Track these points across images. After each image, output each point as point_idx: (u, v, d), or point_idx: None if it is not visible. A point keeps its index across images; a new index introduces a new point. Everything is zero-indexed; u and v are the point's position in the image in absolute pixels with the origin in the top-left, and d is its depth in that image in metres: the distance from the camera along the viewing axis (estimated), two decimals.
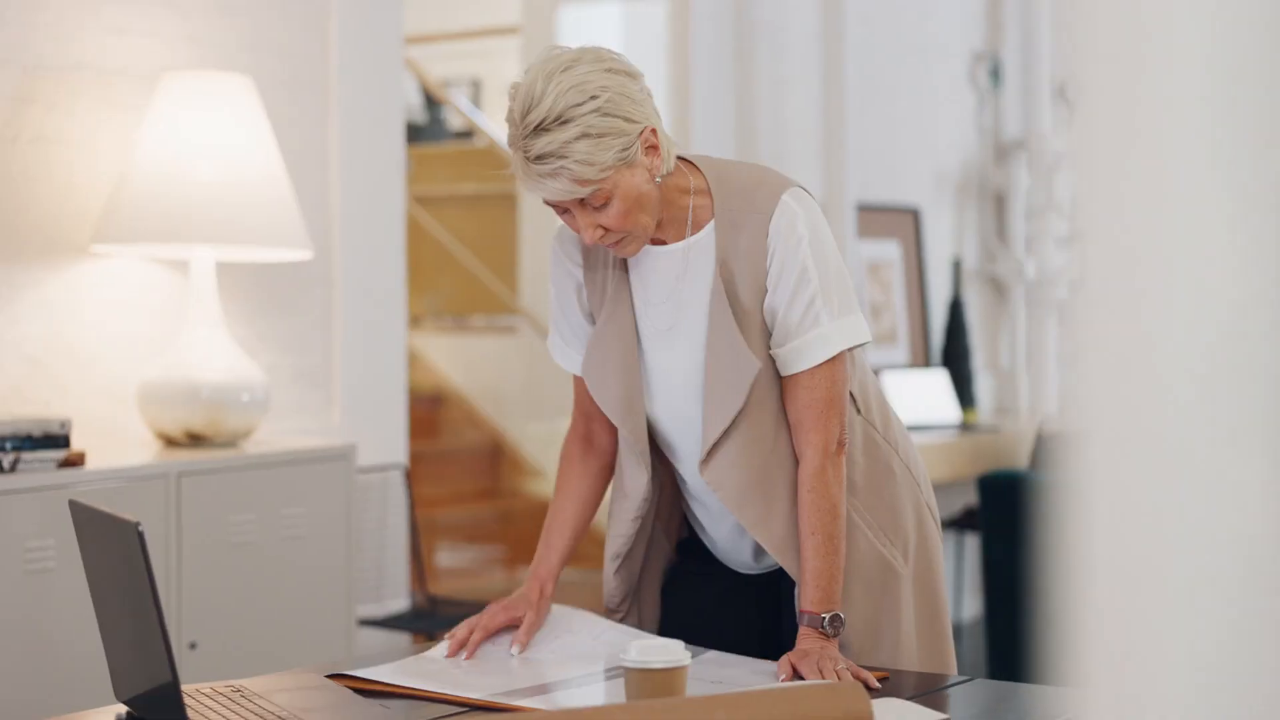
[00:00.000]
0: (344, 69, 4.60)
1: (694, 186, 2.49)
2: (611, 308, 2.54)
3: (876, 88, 6.68)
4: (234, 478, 3.84)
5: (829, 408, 2.47)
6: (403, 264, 4.81)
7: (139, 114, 4.11)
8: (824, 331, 2.45)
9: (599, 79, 2.34)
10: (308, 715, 2.08)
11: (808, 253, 2.44)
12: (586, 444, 2.69)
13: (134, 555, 1.93)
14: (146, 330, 4.18)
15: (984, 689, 2.30)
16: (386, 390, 4.77)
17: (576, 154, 2.30)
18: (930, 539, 2.65)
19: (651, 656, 1.99)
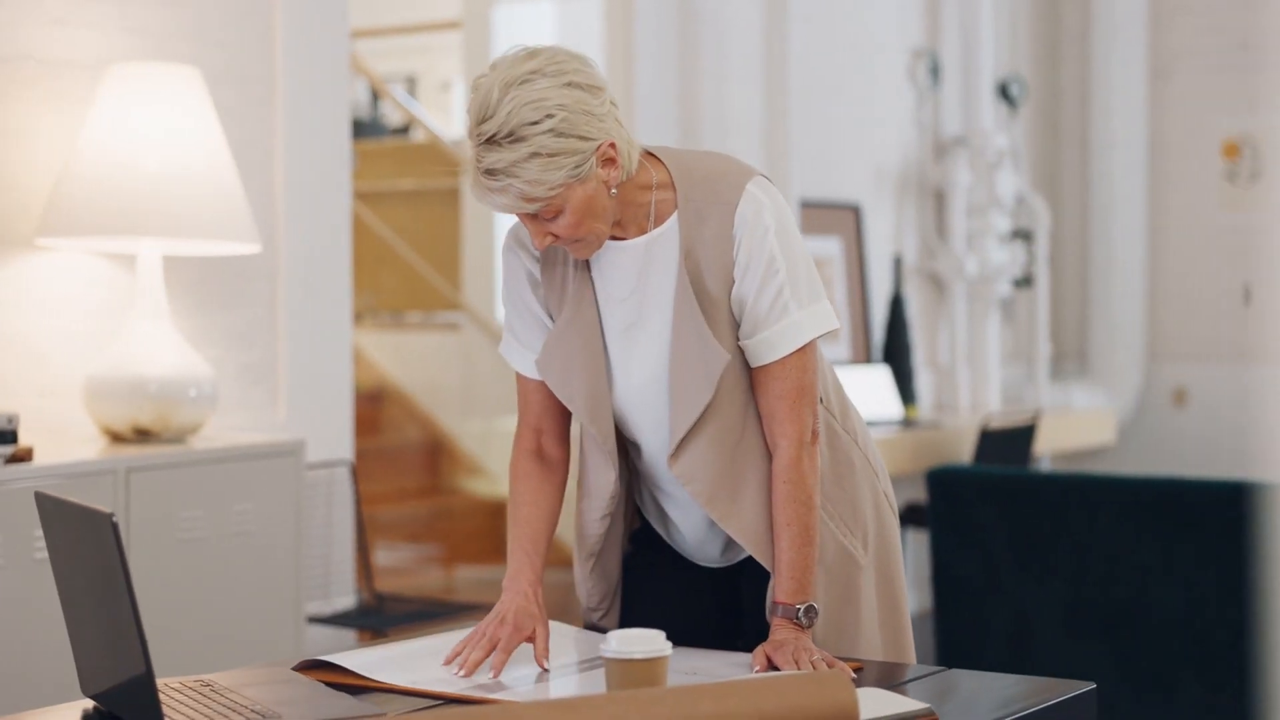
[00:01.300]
0: (289, 62, 4.56)
1: (656, 180, 2.46)
2: (574, 306, 2.51)
3: (817, 84, 6.68)
4: (183, 473, 3.80)
5: (801, 397, 2.46)
6: (348, 259, 4.77)
7: (83, 106, 4.06)
8: (793, 320, 2.43)
9: (557, 96, 2.30)
10: (282, 709, 2.05)
11: (774, 242, 2.42)
12: (537, 458, 2.62)
13: (107, 547, 1.90)
14: (91, 325, 4.12)
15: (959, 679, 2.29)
16: (332, 386, 4.73)
17: (526, 174, 2.28)
18: (889, 530, 2.64)
19: (632, 647, 1.97)
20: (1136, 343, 8.24)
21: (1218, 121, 8.16)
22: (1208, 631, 4.38)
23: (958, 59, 7.51)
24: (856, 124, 7.04)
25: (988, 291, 7.41)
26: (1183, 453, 8.10)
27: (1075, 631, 4.56)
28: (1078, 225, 8.42)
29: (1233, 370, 8.13)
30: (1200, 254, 8.22)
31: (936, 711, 2.03)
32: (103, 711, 2.15)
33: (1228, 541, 4.35)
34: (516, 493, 2.60)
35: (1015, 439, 6.27)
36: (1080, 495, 4.55)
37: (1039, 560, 4.60)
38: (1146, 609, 4.46)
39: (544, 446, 2.63)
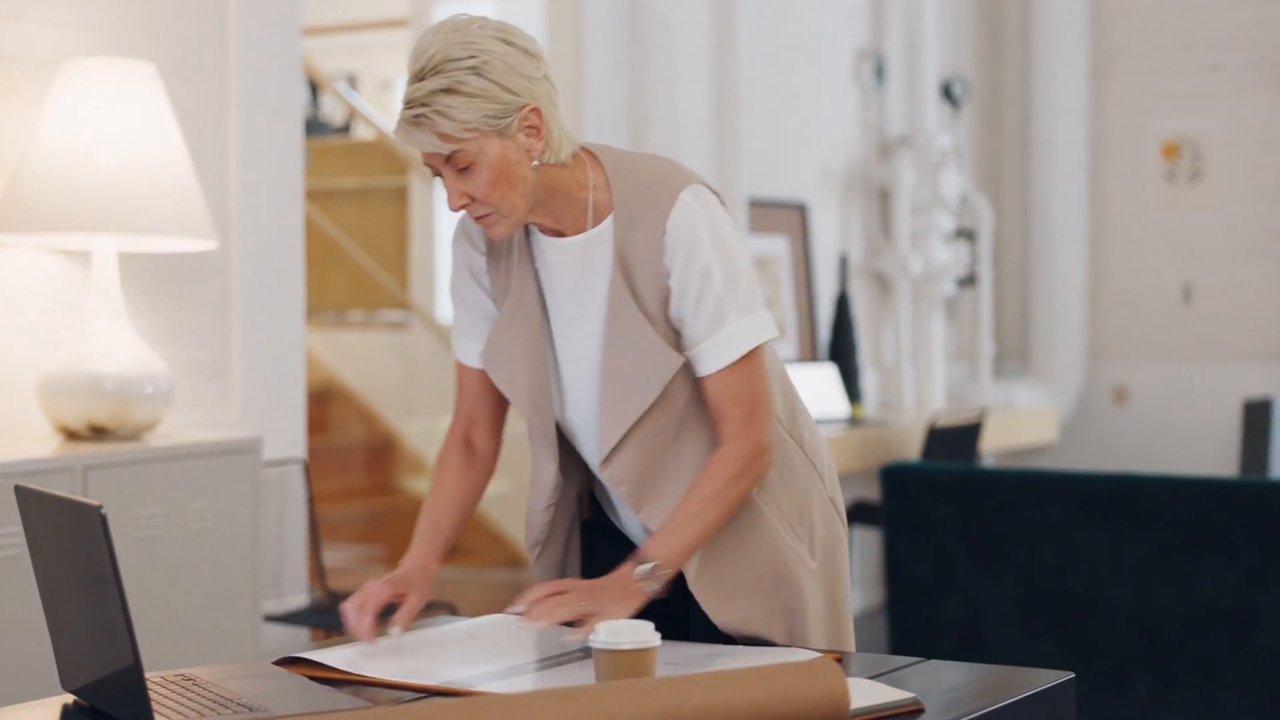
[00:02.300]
0: (242, 58, 4.54)
1: (594, 181, 2.46)
2: (517, 297, 2.51)
3: (764, 84, 6.71)
4: (141, 471, 3.78)
5: (751, 408, 2.46)
6: (301, 257, 4.75)
7: (37, 102, 4.03)
8: (732, 330, 2.43)
9: (487, 43, 2.32)
10: (268, 702, 2.04)
11: (709, 253, 2.42)
12: (466, 448, 2.64)
13: (95, 539, 1.89)
14: (44, 322, 4.09)
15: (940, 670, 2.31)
16: (284, 385, 4.71)
17: (439, 104, 2.29)
18: (835, 534, 2.63)
19: (621, 638, 1.98)
20: (1077, 341, 8.30)
21: (1157, 122, 8.24)
22: (1159, 625, 4.43)
23: (902, 59, 7.55)
24: (803, 123, 7.06)
25: (932, 290, 7.45)
26: (1123, 450, 8.17)
27: (1027, 626, 4.59)
28: (1019, 225, 8.48)
29: (1172, 368, 8.21)
30: (1140, 254, 8.30)
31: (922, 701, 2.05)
32: (84, 706, 2.14)
33: (1178, 536, 4.40)
34: (435, 479, 2.64)
35: (962, 437, 6.31)
36: (1032, 491, 4.59)
37: (991, 555, 4.63)
38: (1098, 603, 4.50)
39: (474, 438, 2.65)
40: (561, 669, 2.29)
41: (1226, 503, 4.35)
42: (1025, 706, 2.12)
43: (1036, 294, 8.33)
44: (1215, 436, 8.01)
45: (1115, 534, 4.47)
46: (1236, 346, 8.06)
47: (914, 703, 2.04)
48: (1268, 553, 4.31)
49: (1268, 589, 4.31)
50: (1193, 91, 8.15)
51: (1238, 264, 8.06)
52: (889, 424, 6.58)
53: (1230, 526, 4.34)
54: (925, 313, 7.48)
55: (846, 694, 1.88)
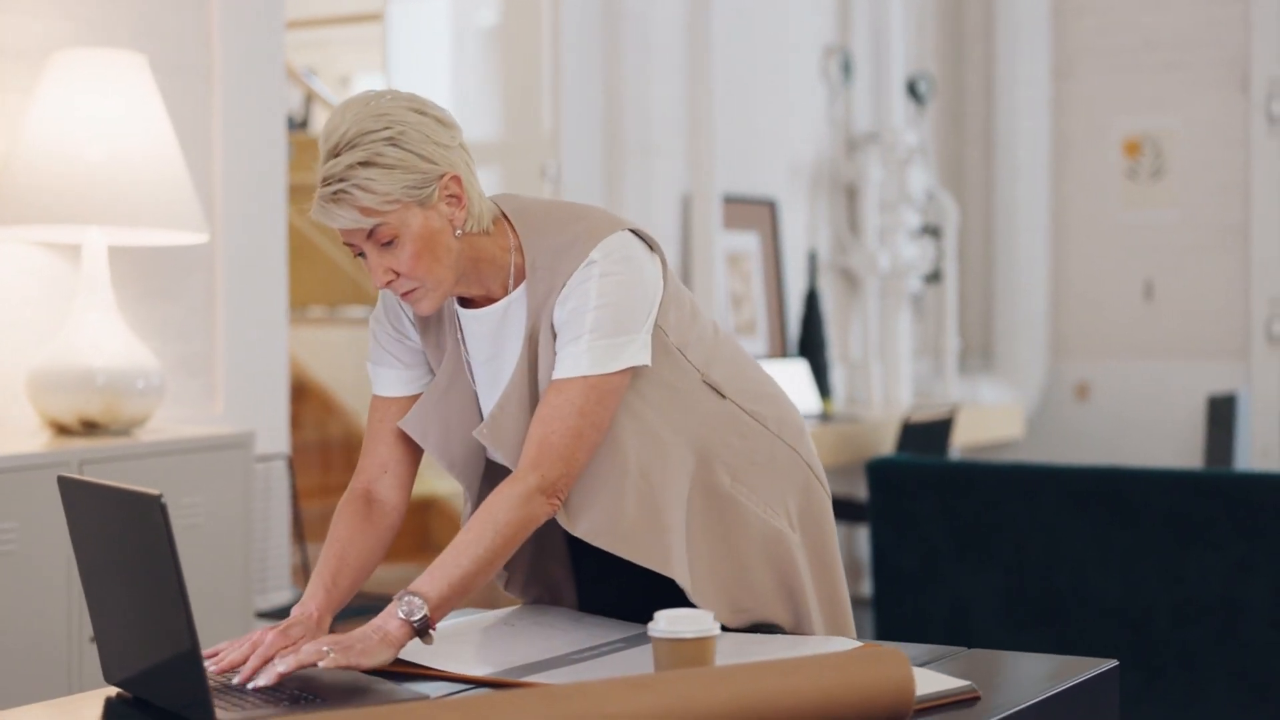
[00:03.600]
0: (227, 51, 4.51)
1: (513, 244, 2.42)
2: (451, 367, 2.47)
3: (734, 80, 6.71)
4: (134, 466, 3.75)
5: (549, 440, 2.33)
6: (284, 251, 4.73)
7: (21, 94, 3.99)
8: (585, 347, 2.34)
9: (401, 114, 2.29)
10: (324, 693, 2.03)
11: (596, 285, 2.35)
12: (367, 504, 2.49)
13: (153, 529, 1.87)
14: (31, 316, 4.06)
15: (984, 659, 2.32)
16: (268, 380, 4.68)
17: (358, 178, 2.25)
18: (818, 504, 2.61)
19: (681, 626, 1.97)
20: (1040, 338, 8.35)
21: (1119, 120, 8.29)
22: (1144, 618, 4.45)
23: (868, 56, 7.57)
24: (771, 120, 7.07)
25: (899, 287, 7.48)
26: (1086, 446, 8.23)
27: (1014, 620, 4.61)
28: (981, 222, 8.52)
29: (1134, 365, 8.26)
30: (1102, 251, 8.35)
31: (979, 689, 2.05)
32: (129, 698, 2.12)
33: (1164, 528, 4.43)
34: (332, 532, 2.46)
35: (934, 432, 6.33)
36: (1019, 484, 4.61)
37: (977, 549, 4.65)
38: (1083, 596, 4.53)
39: (379, 490, 2.51)
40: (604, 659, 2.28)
41: (1212, 495, 4.38)
42: (1077, 694, 2.13)
43: (999, 291, 8.37)
44: (1176, 432, 8.08)
45: (1101, 526, 4.49)
46: (1197, 343, 8.12)
47: (970, 690, 2.04)
48: (1253, 545, 4.34)
49: (1253, 581, 4.34)
50: (1154, 90, 8.21)
51: (1199, 261, 8.12)
52: (860, 419, 6.60)
53: (1216, 519, 4.38)
54: (892, 309, 7.50)
55: (912, 682, 1.88)
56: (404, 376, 2.52)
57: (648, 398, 2.45)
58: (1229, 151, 8.03)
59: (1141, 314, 8.24)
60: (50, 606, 3.53)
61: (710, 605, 2.45)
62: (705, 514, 2.48)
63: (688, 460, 2.47)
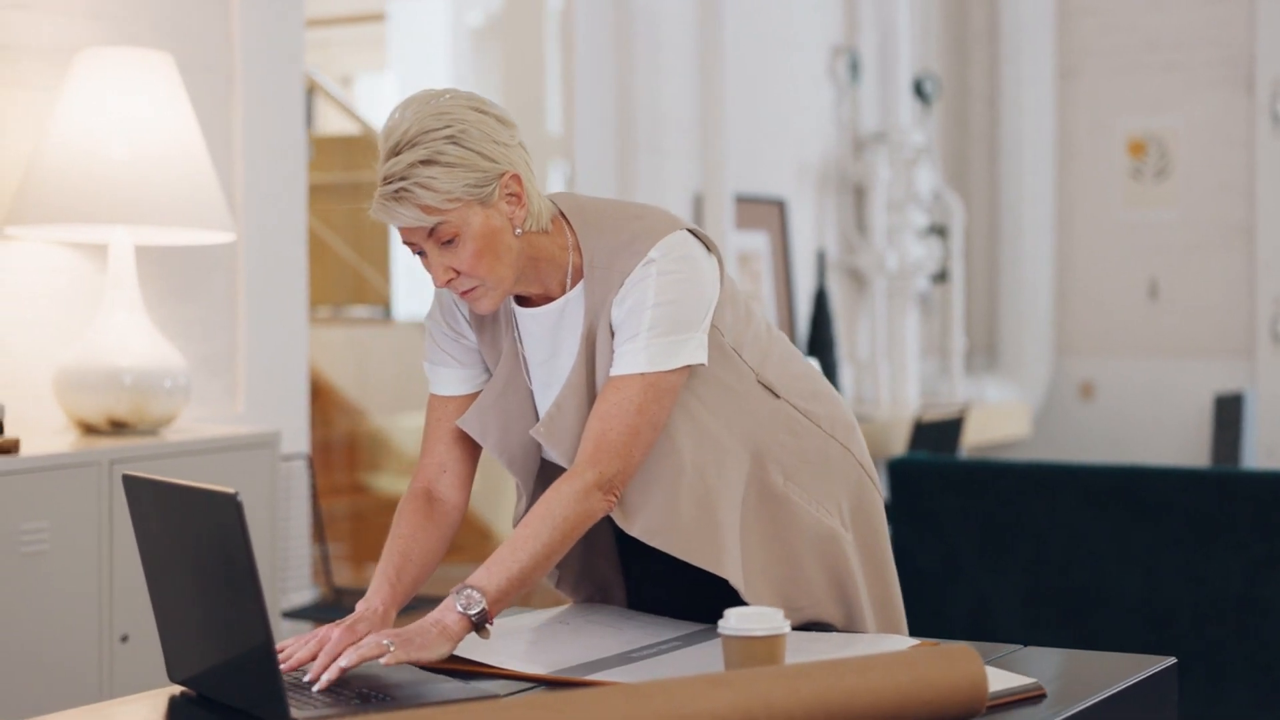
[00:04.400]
0: (247, 51, 4.51)
1: (571, 242, 2.42)
2: (508, 367, 2.48)
3: (744, 81, 6.72)
4: (163, 465, 3.75)
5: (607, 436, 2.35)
6: (304, 250, 4.73)
7: (48, 92, 3.99)
8: (642, 345, 2.35)
9: (460, 113, 2.29)
10: (392, 691, 2.03)
11: (654, 284, 2.36)
12: (428, 501, 2.49)
13: (228, 526, 1.88)
14: (58, 315, 4.05)
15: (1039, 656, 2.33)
16: (288, 379, 4.68)
17: (420, 177, 2.25)
18: (870, 503, 2.63)
19: (751, 624, 1.98)
20: (1045, 337, 8.37)
21: (1123, 120, 8.31)
22: (1166, 617, 4.47)
23: (876, 56, 7.58)
24: (780, 120, 7.08)
25: (906, 286, 7.49)
26: (1091, 444, 8.25)
27: (1034, 618, 4.62)
28: (986, 222, 8.53)
29: (1138, 364, 8.28)
30: (1106, 250, 8.37)
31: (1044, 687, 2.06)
32: (191, 696, 2.12)
33: (1185, 527, 4.44)
34: (394, 529, 2.47)
35: (945, 431, 6.35)
36: (1040, 483, 4.62)
37: (999, 547, 4.66)
38: (1105, 595, 4.54)
39: (439, 488, 2.51)
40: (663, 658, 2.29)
41: (1234, 494, 4.39)
42: (1139, 691, 2.14)
43: (1004, 290, 8.38)
44: (1181, 431, 8.10)
45: (1122, 525, 4.51)
46: (1202, 342, 8.15)
47: (1036, 688, 2.05)
48: (1274, 544, 4.35)
49: (1274, 580, 4.36)
50: (1158, 90, 8.23)
51: (1203, 260, 8.14)
52: (871, 419, 6.61)
53: (1237, 517, 4.39)
54: (900, 309, 7.52)
55: (985, 679, 1.89)
56: (461, 375, 2.52)
57: (704, 398, 2.45)
58: (1233, 151, 8.05)
59: (1146, 313, 8.26)
60: (81, 606, 3.53)
61: (763, 604, 2.45)
62: (759, 513, 2.49)
63: (742, 460, 2.48)
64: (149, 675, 3.65)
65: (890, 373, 7.51)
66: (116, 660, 3.60)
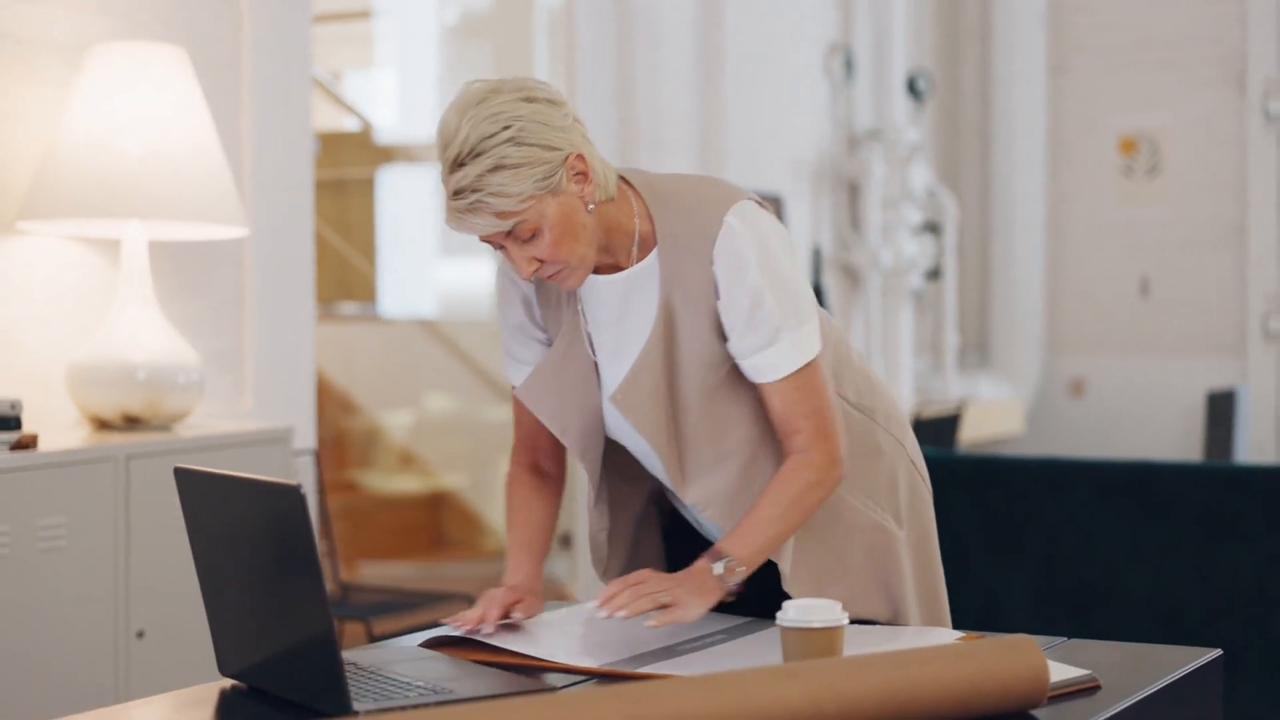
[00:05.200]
0: (256, 46, 4.50)
1: (638, 211, 2.44)
2: (568, 338, 2.50)
3: (742, 78, 6.73)
4: (179, 460, 3.70)
5: (820, 422, 2.44)
6: (311, 247, 4.72)
7: (61, 87, 3.97)
8: (783, 346, 2.40)
9: (514, 109, 2.30)
10: (451, 684, 2.03)
11: (756, 275, 2.38)
12: (535, 473, 2.64)
13: (290, 518, 1.87)
14: (71, 310, 4.04)
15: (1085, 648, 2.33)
16: (295, 375, 4.68)
17: (491, 186, 2.26)
18: (921, 500, 2.66)
19: (811, 616, 1.98)
20: (1036, 334, 8.39)
21: (1115, 118, 8.33)
22: (1176, 613, 4.48)
23: (870, 53, 7.59)
24: (775, 117, 7.09)
25: (900, 283, 7.50)
26: (1083, 441, 8.27)
27: (1045, 614, 4.63)
28: (978, 219, 8.55)
29: (1129, 361, 8.30)
30: (1098, 248, 8.39)
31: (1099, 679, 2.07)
32: (242, 690, 2.11)
33: (1195, 523, 4.45)
34: (511, 503, 2.62)
35: (943, 428, 6.36)
36: (1049, 479, 4.63)
37: (1008, 543, 4.67)
38: (1115, 591, 4.55)
39: (539, 463, 2.65)
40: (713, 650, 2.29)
41: (1244, 489, 4.41)
42: (1189, 683, 2.15)
43: (995, 288, 8.40)
44: (1172, 428, 8.12)
45: (1132, 520, 4.52)
46: (1193, 340, 8.17)
47: (1091, 679, 2.06)
48: None
49: None
50: (1149, 88, 8.25)
51: (1195, 258, 8.17)
52: None
53: (1246, 512, 4.40)
54: (894, 305, 7.53)
55: (1047, 670, 1.90)
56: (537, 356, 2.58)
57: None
58: (1225, 149, 8.08)
59: (1137, 311, 8.28)
60: (98, 602, 3.52)
61: (804, 595, 2.46)
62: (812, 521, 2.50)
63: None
64: (165, 671, 3.65)
65: (885, 370, 7.52)
66: (133, 656, 3.59)
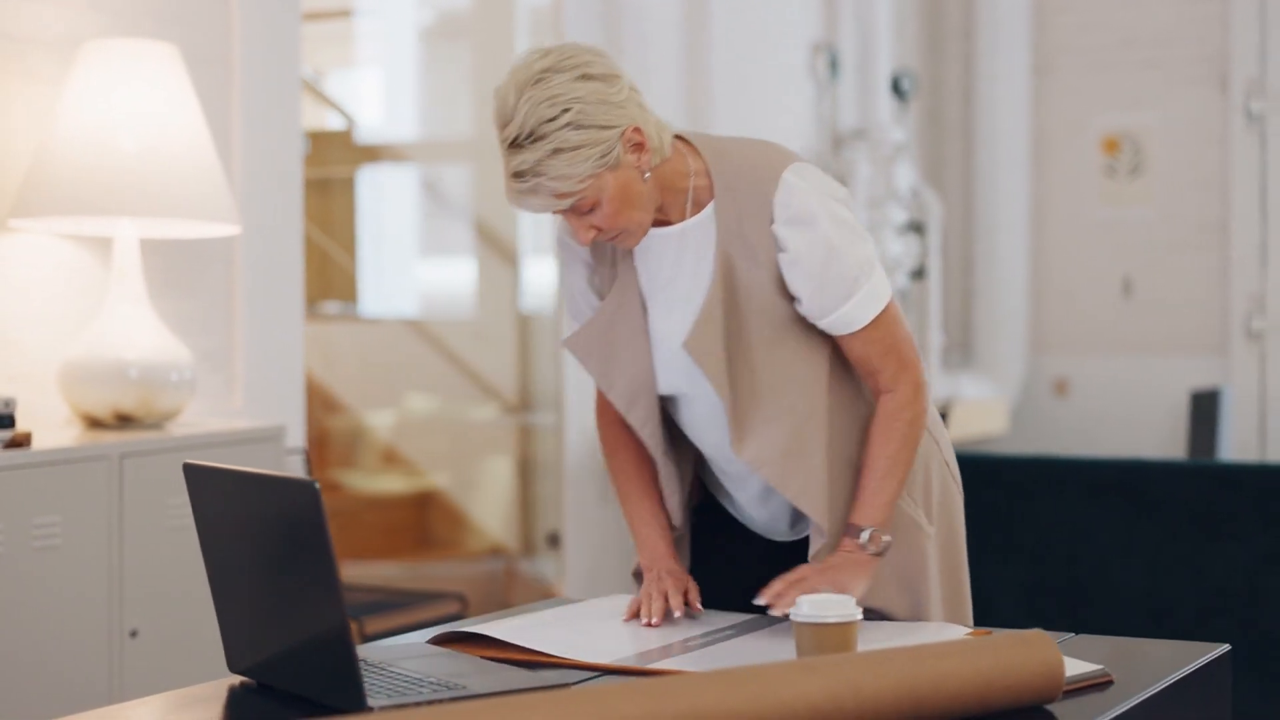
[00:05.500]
0: (247, 43, 4.49)
1: (694, 168, 2.49)
2: (619, 294, 2.53)
3: (727, 77, 6.72)
4: (174, 458, 3.72)
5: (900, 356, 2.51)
6: (300, 245, 4.71)
7: (53, 84, 3.96)
8: (863, 295, 2.46)
9: (571, 90, 2.32)
10: (463, 680, 2.02)
11: (827, 228, 2.44)
12: (624, 427, 2.67)
13: (306, 514, 1.86)
14: (62, 308, 4.02)
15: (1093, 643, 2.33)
16: (284, 373, 4.66)
17: (552, 171, 2.31)
18: (951, 500, 2.68)
19: (825, 611, 1.98)
20: (1019, 334, 8.40)
21: (1098, 117, 8.34)
22: (1168, 611, 4.49)
23: (855, 53, 7.59)
24: (760, 116, 7.08)
25: None
26: (1067, 441, 8.28)
27: (1037, 612, 4.64)
28: (961, 219, 8.56)
29: (1113, 361, 8.32)
30: (1081, 247, 8.40)
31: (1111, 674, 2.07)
32: (252, 686, 2.10)
33: (1188, 521, 4.46)
34: (615, 468, 2.65)
35: None
36: (1042, 477, 4.63)
37: (1001, 541, 4.68)
38: (1107, 589, 4.56)
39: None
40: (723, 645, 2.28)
41: (1236, 487, 4.42)
42: (1199, 678, 2.15)
43: (979, 287, 8.41)
44: (1156, 428, 8.14)
45: (1124, 518, 4.53)
46: (1175, 339, 8.19)
47: (1104, 674, 2.06)
48: (1276, 537, 4.38)
49: (1276, 573, 4.38)
50: (1133, 87, 8.27)
51: (1177, 258, 8.19)
52: None
53: (1239, 511, 4.41)
54: None
55: (1062, 665, 1.90)
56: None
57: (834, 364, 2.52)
58: (1207, 149, 8.10)
59: (1120, 310, 8.30)
60: (92, 602, 3.50)
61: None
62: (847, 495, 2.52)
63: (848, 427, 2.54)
64: (159, 671, 3.63)
65: None
66: (126, 655, 3.58)
